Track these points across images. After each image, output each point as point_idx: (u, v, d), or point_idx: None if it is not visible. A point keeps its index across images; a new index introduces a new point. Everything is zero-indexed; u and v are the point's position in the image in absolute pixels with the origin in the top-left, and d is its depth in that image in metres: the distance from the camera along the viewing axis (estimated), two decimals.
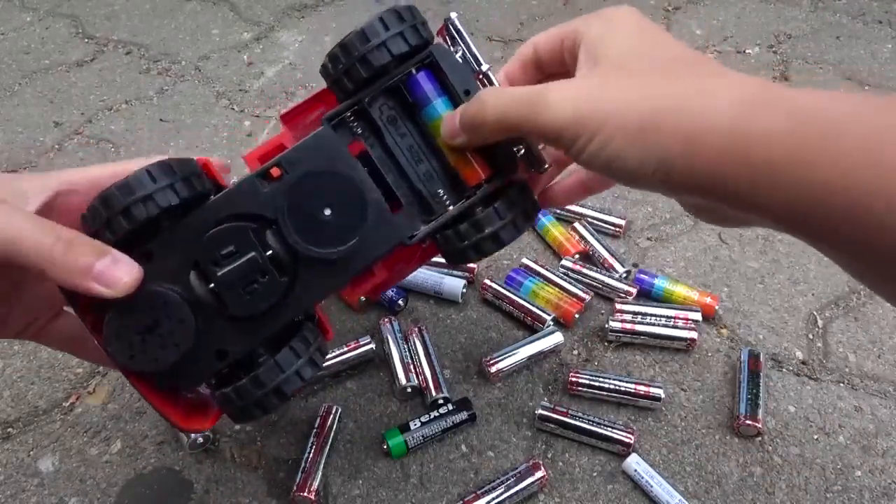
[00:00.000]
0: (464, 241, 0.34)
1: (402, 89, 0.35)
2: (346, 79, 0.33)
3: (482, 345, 0.54)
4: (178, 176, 0.31)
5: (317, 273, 0.33)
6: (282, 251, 0.32)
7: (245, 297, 0.32)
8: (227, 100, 0.85)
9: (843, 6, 1.05)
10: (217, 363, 0.33)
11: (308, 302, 0.34)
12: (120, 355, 0.31)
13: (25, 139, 0.78)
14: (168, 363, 0.31)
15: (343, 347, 0.51)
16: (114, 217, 0.30)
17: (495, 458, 0.47)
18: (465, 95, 0.34)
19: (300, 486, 0.44)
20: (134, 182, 0.30)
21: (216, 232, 0.32)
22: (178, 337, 0.31)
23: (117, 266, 0.30)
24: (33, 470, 0.46)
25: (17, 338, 0.37)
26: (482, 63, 0.35)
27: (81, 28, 1.00)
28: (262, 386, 0.32)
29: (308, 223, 0.32)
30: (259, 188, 0.33)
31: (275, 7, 1.05)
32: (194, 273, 0.32)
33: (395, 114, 0.35)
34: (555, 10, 1.05)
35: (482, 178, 0.35)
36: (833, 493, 0.45)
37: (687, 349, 0.53)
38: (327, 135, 0.34)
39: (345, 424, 0.49)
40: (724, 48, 0.95)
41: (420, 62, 0.34)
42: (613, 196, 0.69)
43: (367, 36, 0.32)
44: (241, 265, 0.32)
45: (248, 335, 0.33)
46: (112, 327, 0.31)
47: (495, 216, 0.34)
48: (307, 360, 0.33)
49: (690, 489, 0.45)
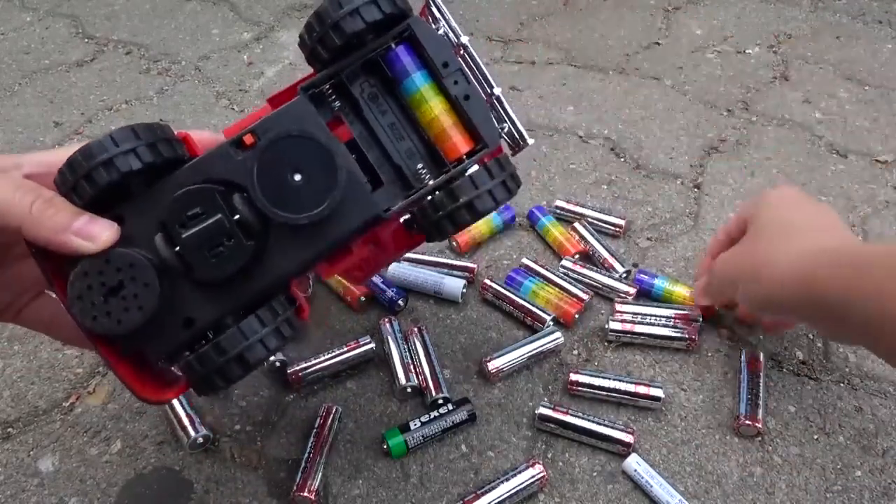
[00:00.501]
0: (439, 211, 0.34)
1: (381, 65, 0.35)
2: (320, 47, 0.33)
3: (482, 345, 0.54)
4: (143, 141, 0.31)
5: (288, 242, 0.33)
6: (250, 216, 0.32)
7: (210, 260, 0.31)
8: (227, 100, 0.85)
9: (843, 6, 1.05)
10: (184, 331, 0.33)
11: (279, 272, 0.33)
12: (82, 316, 0.30)
13: (25, 139, 0.78)
14: (131, 326, 0.30)
15: (343, 347, 0.51)
16: (78, 181, 0.30)
17: (495, 458, 0.47)
18: (443, 68, 0.34)
19: (300, 486, 0.44)
20: (95, 146, 0.30)
21: (183, 193, 0.31)
22: (142, 299, 0.30)
23: (95, 223, 0.31)
24: (33, 470, 0.46)
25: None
26: (461, 35, 0.35)
27: (81, 28, 1.00)
28: (224, 353, 0.31)
29: (277, 188, 0.31)
30: (232, 155, 0.32)
31: (275, 7, 1.05)
32: (160, 235, 0.32)
33: (376, 91, 0.35)
34: (555, 10, 1.05)
35: (462, 152, 0.34)
36: (833, 493, 0.45)
37: (687, 349, 0.53)
38: (302, 103, 0.33)
39: (345, 424, 0.49)
40: (724, 48, 0.95)
41: (398, 35, 0.34)
42: (613, 196, 0.69)
43: (340, 3, 0.32)
44: (206, 227, 0.31)
45: (216, 303, 0.33)
46: (76, 288, 0.30)
47: (471, 185, 0.33)
48: (273, 330, 0.32)
49: (690, 489, 0.45)
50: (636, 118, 0.81)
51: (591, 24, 1.01)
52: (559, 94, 0.85)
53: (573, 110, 0.82)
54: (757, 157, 0.75)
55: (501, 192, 0.34)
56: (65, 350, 0.54)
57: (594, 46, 0.96)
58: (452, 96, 0.34)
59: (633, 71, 0.90)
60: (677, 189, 0.70)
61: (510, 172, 0.35)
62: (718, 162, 0.74)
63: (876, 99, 0.84)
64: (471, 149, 0.35)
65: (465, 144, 0.35)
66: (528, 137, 0.36)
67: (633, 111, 0.82)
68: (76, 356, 0.54)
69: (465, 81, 0.34)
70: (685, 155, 0.75)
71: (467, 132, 0.35)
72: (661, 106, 0.83)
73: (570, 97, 0.85)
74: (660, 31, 1.00)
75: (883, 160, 0.74)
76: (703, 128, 0.79)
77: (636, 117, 0.81)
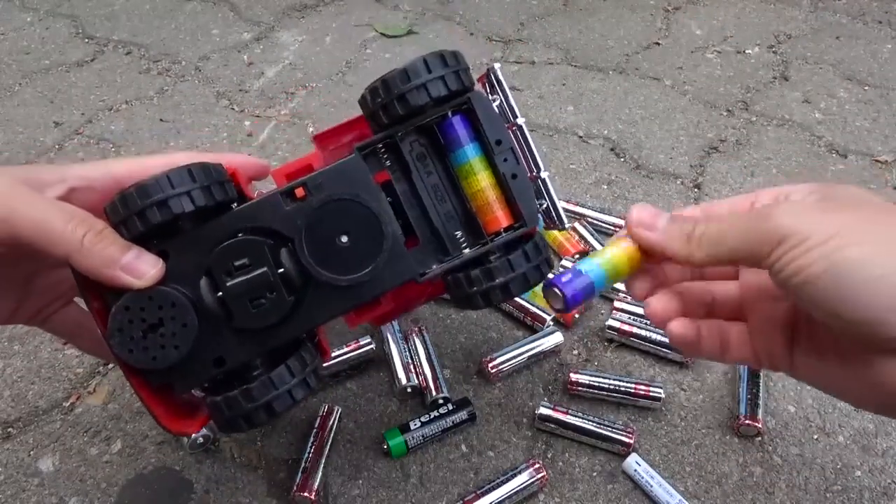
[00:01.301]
0: (473, 286, 0.35)
1: (434, 128, 0.35)
2: (382, 113, 0.34)
3: (482, 345, 0.54)
4: (198, 184, 0.31)
5: (325, 297, 0.34)
6: (294, 271, 0.33)
7: (251, 310, 0.32)
8: (227, 100, 0.85)
9: (843, 6, 1.05)
10: (213, 370, 0.33)
11: (312, 323, 0.34)
12: (120, 349, 0.31)
13: (25, 139, 0.78)
14: (166, 363, 0.31)
15: (343, 347, 0.51)
16: (130, 217, 0.31)
17: (495, 458, 0.47)
18: (496, 145, 0.35)
19: (300, 486, 0.44)
20: (152, 185, 0.30)
21: (232, 242, 0.32)
22: (179, 339, 0.31)
23: (142, 259, 0.31)
24: (33, 470, 0.46)
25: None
26: (518, 115, 0.36)
27: (81, 28, 1.00)
28: (253, 400, 0.32)
29: (324, 247, 0.32)
30: (282, 205, 0.33)
31: (275, 7, 1.05)
32: (205, 280, 0.32)
33: (424, 151, 0.36)
34: (555, 11, 1.06)
35: (502, 226, 0.35)
36: (833, 493, 0.45)
37: (684, 363, 0.52)
38: (356, 163, 0.34)
39: (345, 424, 0.49)
40: (724, 48, 0.95)
41: (457, 106, 0.35)
42: (613, 196, 0.69)
43: (408, 76, 0.33)
44: (251, 278, 0.32)
45: (249, 347, 0.33)
46: (117, 321, 0.31)
47: (508, 267, 0.34)
48: (300, 381, 0.33)
49: (690, 489, 0.45)
50: (636, 118, 0.81)
51: (591, 24, 1.01)
52: (559, 94, 0.85)
53: (573, 110, 0.82)
54: (757, 157, 0.75)
55: (535, 275, 0.35)
56: (65, 350, 0.54)
57: (594, 46, 0.96)
58: (501, 173, 0.35)
59: (633, 71, 0.90)
60: (677, 189, 0.70)
61: (545, 257, 0.36)
62: (718, 162, 0.74)
63: (876, 99, 0.84)
64: (509, 224, 0.35)
65: (506, 220, 0.35)
66: (567, 222, 0.37)
67: (633, 111, 0.82)
68: (76, 356, 0.54)
69: (515, 161, 0.35)
70: (685, 155, 0.75)
71: (509, 209, 0.36)
72: (661, 106, 0.83)
73: (570, 97, 0.85)
74: (660, 31, 1.00)
75: (883, 160, 0.74)
76: (703, 128, 0.79)
77: (636, 117, 0.81)
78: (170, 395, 0.34)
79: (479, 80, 0.37)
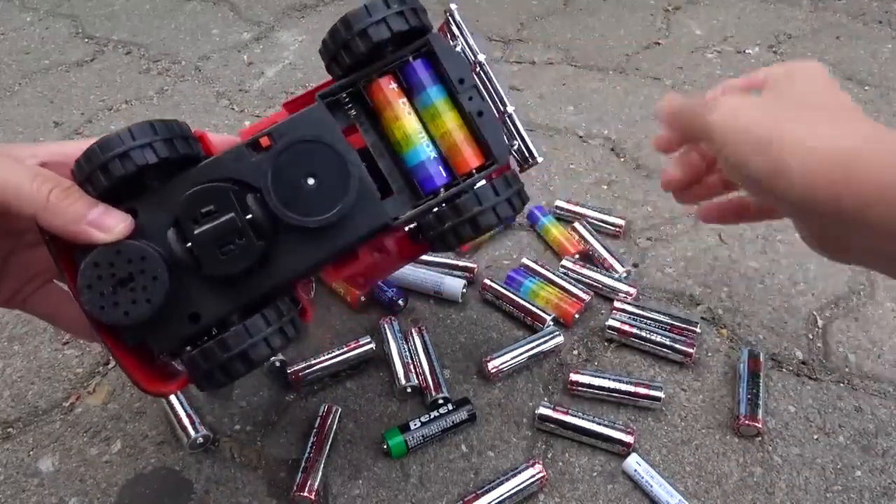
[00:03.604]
0: (442, 224, 0.35)
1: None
2: (344, 53, 0.34)
3: (482, 345, 0.54)
4: (160, 136, 0.31)
5: (296, 244, 0.33)
6: (262, 216, 0.32)
7: (220, 257, 0.32)
8: (227, 100, 0.85)
9: (843, 6, 1.05)
10: (189, 326, 0.33)
11: (287, 274, 0.34)
12: (91, 306, 0.31)
13: (25, 139, 0.78)
14: (139, 318, 0.31)
15: (343, 347, 0.51)
16: (94, 172, 0.31)
17: (495, 458, 0.47)
18: (459, 84, 0.35)
19: (300, 486, 0.44)
20: (113, 139, 0.30)
21: (197, 190, 0.32)
22: (150, 292, 0.31)
23: (109, 214, 0.31)
24: (33, 470, 0.46)
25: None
26: (478, 53, 0.36)
27: (81, 28, 1.00)
28: (228, 349, 0.32)
29: (290, 191, 0.32)
30: (247, 156, 0.33)
31: (275, 7, 1.05)
32: (172, 230, 0.32)
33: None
34: (555, 10, 1.06)
35: (473, 166, 0.35)
36: (833, 493, 0.45)
37: (682, 363, 0.52)
38: (319, 109, 0.34)
39: (345, 424, 0.49)
40: (724, 48, 0.95)
41: (417, 49, 0.35)
42: (613, 196, 0.69)
43: (368, 11, 0.33)
44: (218, 224, 0.32)
45: (223, 300, 0.33)
46: (86, 277, 0.31)
47: (475, 200, 0.34)
48: (277, 329, 0.33)
49: (690, 489, 0.45)
50: (636, 118, 0.81)
51: (591, 24, 1.01)
52: (559, 94, 0.85)
53: (573, 110, 0.82)
54: None
55: (505, 209, 0.35)
56: (65, 350, 0.54)
57: (594, 46, 0.96)
58: (466, 112, 0.35)
59: (633, 71, 0.90)
60: None
61: (516, 190, 0.36)
62: None
63: (876, 99, 0.84)
64: (481, 164, 0.35)
65: (476, 159, 0.35)
66: (538, 155, 0.37)
67: (633, 111, 0.82)
68: (76, 356, 0.54)
69: (480, 98, 0.35)
70: None
71: (478, 147, 0.35)
72: None
73: (570, 97, 0.85)
74: (660, 31, 1.00)
75: None
76: None
77: (636, 117, 0.81)
78: (149, 361, 0.34)
79: (439, 30, 0.37)
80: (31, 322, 0.56)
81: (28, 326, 0.56)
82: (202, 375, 0.33)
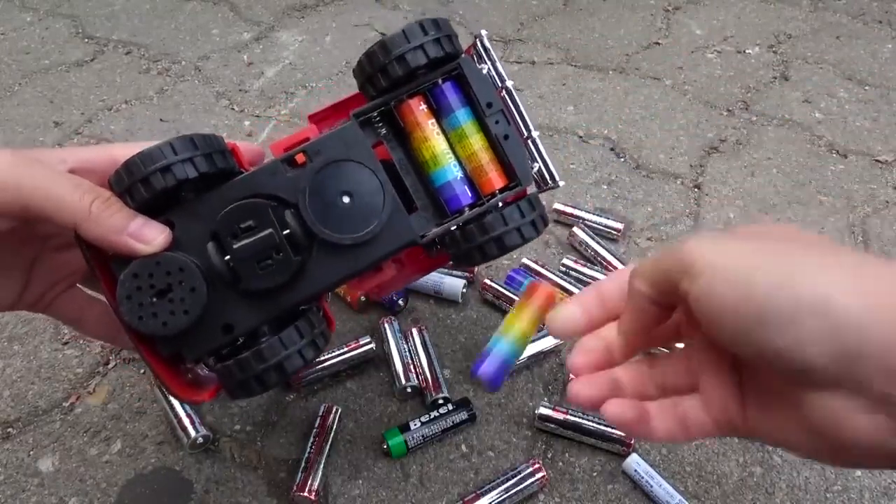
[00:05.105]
0: (469, 242, 0.36)
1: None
2: (380, 76, 0.35)
3: (482, 345, 0.54)
4: (200, 151, 0.32)
5: (329, 259, 0.34)
6: (298, 232, 0.33)
7: (258, 271, 0.33)
8: (227, 100, 0.85)
9: (843, 6, 1.05)
10: (222, 337, 0.34)
11: (317, 287, 0.35)
12: (130, 316, 0.31)
13: (25, 139, 0.78)
14: (176, 329, 0.32)
15: (343, 347, 0.51)
16: (134, 184, 0.31)
17: (495, 458, 0.47)
18: (487, 108, 0.36)
19: (300, 486, 0.44)
20: (156, 152, 0.31)
21: (237, 205, 0.33)
22: (189, 303, 0.32)
23: (149, 226, 0.32)
24: (33, 470, 0.46)
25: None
26: (506, 79, 0.37)
27: (81, 28, 1.00)
28: (264, 360, 0.32)
29: (326, 208, 0.33)
30: (283, 172, 0.34)
31: (275, 7, 1.05)
32: (212, 244, 0.33)
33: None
34: (555, 10, 1.05)
35: (497, 187, 0.36)
36: (833, 493, 0.45)
37: None
38: (353, 128, 0.35)
39: (345, 424, 0.49)
40: (724, 48, 0.95)
41: (448, 72, 0.36)
42: (613, 196, 0.69)
43: (406, 37, 0.34)
44: (257, 240, 0.32)
45: (256, 313, 0.34)
46: (126, 288, 0.31)
47: (501, 221, 0.35)
48: (309, 342, 0.34)
49: (690, 489, 0.45)
50: (636, 118, 0.81)
51: (591, 24, 1.01)
52: (559, 94, 0.85)
53: (573, 110, 0.82)
54: (757, 157, 0.75)
55: (529, 230, 0.36)
56: (65, 350, 0.54)
57: (594, 46, 0.96)
58: (493, 135, 0.36)
59: (633, 71, 0.90)
60: (677, 189, 0.70)
61: (540, 213, 0.37)
62: (718, 162, 0.74)
63: (876, 99, 0.84)
64: (504, 185, 0.37)
65: (500, 180, 0.37)
66: (559, 180, 0.38)
67: (633, 111, 0.82)
68: (76, 356, 0.54)
69: (506, 122, 0.36)
70: (685, 155, 0.75)
71: (502, 169, 0.37)
72: (661, 106, 0.83)
73: (570, 97, 0.85)
74: (660, 31, 1.00)
75: (883, 160, 0.74)
76: (703, 128, 0.79)
77: (636, 117, 0.81)
78: (179, 370, 0.35)
79: (466, 52, 0.39)
80: (31, 322, 0.56)
81: (28, 326, 0.56)
82: (237, 385, 0.33)
